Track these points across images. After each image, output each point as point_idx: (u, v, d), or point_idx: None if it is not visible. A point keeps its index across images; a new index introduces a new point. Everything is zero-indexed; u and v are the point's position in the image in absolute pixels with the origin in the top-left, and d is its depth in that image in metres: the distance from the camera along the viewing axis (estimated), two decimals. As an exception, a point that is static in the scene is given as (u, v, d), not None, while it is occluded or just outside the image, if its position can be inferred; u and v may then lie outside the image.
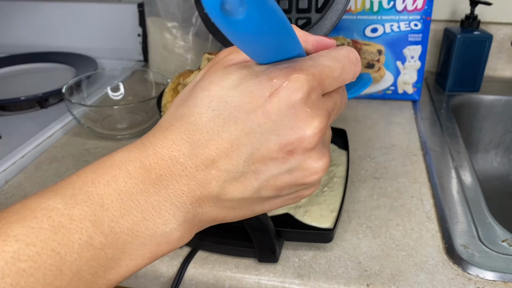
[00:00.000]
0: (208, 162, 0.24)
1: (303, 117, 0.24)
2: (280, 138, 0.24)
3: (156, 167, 0.24)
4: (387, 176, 0.59)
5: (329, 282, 0.43)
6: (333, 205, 0.50)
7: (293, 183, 0.26)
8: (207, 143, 0.24)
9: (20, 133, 0.71)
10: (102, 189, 0.23)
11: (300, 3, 0.63)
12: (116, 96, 0.80)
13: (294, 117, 0.24)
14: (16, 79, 0.93)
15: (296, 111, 0.24)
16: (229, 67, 0.26)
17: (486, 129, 0.84)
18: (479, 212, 0.52)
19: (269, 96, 0.24)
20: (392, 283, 0.43)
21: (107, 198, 0.23)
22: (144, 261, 0.25)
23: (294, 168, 0.25)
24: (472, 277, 0.43)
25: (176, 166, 0.24)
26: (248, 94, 0.24)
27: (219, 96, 0.24)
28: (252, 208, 0.27)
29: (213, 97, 0.25)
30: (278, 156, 0.24)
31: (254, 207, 0.27)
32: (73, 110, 0.68)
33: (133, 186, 0.24)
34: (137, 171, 0.24)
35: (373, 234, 0.49)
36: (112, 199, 0.23)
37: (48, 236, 0.22)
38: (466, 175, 0.59)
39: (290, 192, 0.27)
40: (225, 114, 0.24)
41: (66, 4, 1.02)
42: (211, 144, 0.24)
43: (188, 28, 0.84)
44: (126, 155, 0.25)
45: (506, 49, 0.90)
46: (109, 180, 0.24)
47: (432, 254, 0.46)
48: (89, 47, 1.02)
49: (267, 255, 0.45)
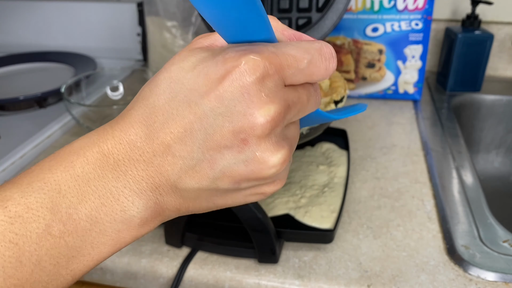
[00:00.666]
0: (164, 147, 0.23)
1: (256, 103, 0.22)
2: (233, 124, 0.23)
3: (114, 152, 0.24)
4: (387, 176, 0.59)
5: (329, 283, 0.43)
6: (334, 205, 0.50)
7: (251, 177, 0.24)
8: (161, 127, 0.23)
9: (19, 133, 0.71)
10: (59, 175, 0.23)
11: (300, 2, 0.63)
12: (115, 95, 0.79)
13: (247, 102, 0.22)
14: (15, 78, 0.93)
15: (250, 97, 0.22)
16: (193, 49, 0.25)
17: (487, 129, 0.83)
18: (480, 212, 0.51)
19: (222, 78, 0.22)
20: (393, 284, 0.42)
21: (64, 184, 0.23)
22: (107, 249, 0.24)
23: (249, 159, 0.24)
24: (473, 278, 0.43)
25: (134, 150, 0.24)
26: (203, 76, 0.23)
27: (177, 78, 0.24)
28: (213, 201, 0.26)
29: (172, 78, 0.24)
30: (233, 144, 0.23)
31: (214, 199, 0.26)
32: (72, 110, 0.68)
33: (91, 172, 0.23)
34: (94, 156, 0.24)
35: (374, 234, 0.49)
36: (69, 185, 0.23)
37: (5, 228, 0.21)
38: (467, 175, 0.58)
39: (249, 186, 0.26)
40: (180, 97, 0.23)
41: (65, 4, 1.01)
42: (166, 128, 0.23)
43: (188, 28, 0.84)
44: (85, 141, 0.24)
45: (507, 49, 0.89)
46: (67, 166, 0.23)
47: (433, 255, 0.46)
48: (88, 46, 1.02)
49: (267, 255, 0.45)
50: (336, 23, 0.61)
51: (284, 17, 0.64)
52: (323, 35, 0.62)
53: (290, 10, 0.63)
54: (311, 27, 0.63)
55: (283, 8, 0.63)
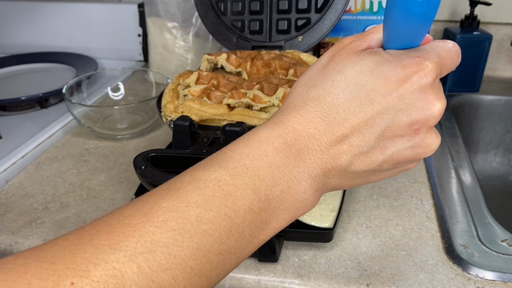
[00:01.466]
0: (342, 138, 0.28)
1: (431, 99, 0.28)
2: (410, 118, 0.28)
3: (295, 143, 0.28)
4: (387, 176, 0.59)
5: (329, 282, 0.43)
6: (333, 204, 0.50)
7: (411, 158, 0.29)
8: (343, 121, 0.28)
9: (20, 133, 0.71)
10: (257, 163, 0.27)
11: (299, 3, 0.63)
12: (116, 96, 0.80)
13: (423, 99, 0.28)
14: (16, 79, 0.93)
15: (426, 95, 0.28)
16: (360, 52, 0.29)
17: (485, 129, 0.84)
18: (479, 212, 0.52)
19: (403, 81, 0.27)
20: (392, 283, 0.43)
21: (262, 170, 0.27)
22: (284, 223, 0.29)
23: (416, 145, 0.29)
24: (471, 277, 0.43)
25: (312, 142, 0.28)
26: (383, 79, 0.27)
27: (355, 80, 0.28)
28: (368, 179, 0.31)
29: (350, 81, 0.28)
30: (405, 134, 0.28)
31: (370, 177, 0.31)
32: (73, 110, 0.68)
33: (280, 160, 0.27)
34: (281, 146, 0.28)
35: (373, 234, 0.49)
36: (266, 171, 0.27)
37: (221, 203, 0.25)
38: (466, 175, 0.59)
39: (402, 166, 0.31)
40: (361, 96, 0.28)
41: (67, 4, 1.02)
42: (347, 123, 0.28)
43: (188, 28, 0.85)
44: (270, 133, 0.28)
45: (505, 49, 0.90)
46: (261, 155, 0.27)
47: (431, 254, 0.46)
48: (89, 47, 1.02)
49: (267, 254, 0.45)
50: (335, 23, 0.62)
51: (283, 18, 0.64)
52: (322, 36, 0.63)
53: (290, 11, 0.64)
54: (310, 27, 0.63)
55: (282, 9, 0.64)
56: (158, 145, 0.69)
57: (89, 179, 0.61)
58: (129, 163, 0.64)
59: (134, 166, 0.42)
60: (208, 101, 0.51)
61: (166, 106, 0.53)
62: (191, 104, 0.50)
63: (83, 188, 0.59)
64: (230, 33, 0.66)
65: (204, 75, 0.56)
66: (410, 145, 0.29)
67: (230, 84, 0.55)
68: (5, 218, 0.53)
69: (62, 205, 0.56)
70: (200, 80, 0.56)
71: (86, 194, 0.58)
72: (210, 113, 0.50)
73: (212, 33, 0.68)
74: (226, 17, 0.66)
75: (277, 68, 0.57)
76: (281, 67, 0.57)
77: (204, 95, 0.52)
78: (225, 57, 0.58)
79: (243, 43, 0.66)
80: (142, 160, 0.42)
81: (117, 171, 0.62)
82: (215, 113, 0.50)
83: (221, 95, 0.52)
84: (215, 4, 0.67)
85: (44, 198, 0.57)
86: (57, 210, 0.55)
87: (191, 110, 0.50)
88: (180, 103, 0.52)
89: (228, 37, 0.67)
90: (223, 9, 0.67)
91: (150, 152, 0.44)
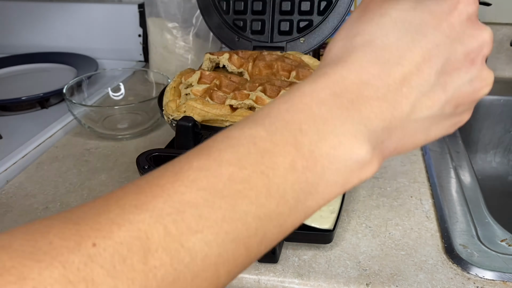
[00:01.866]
0: (400, 80, 0.25)
1: (479, 26, 0.27)
2: (464, 46, 0.27)
3: (346, 93, 0.25)
4: (386, 175, 0.60)
5: (328, 282, 0.43)
6: (333, 205, 0.50)
7: (470, 97, 0.28)
8: (398, 60, 0.25)
9: (21, 133, 0.71)
10: (298, 116, 0.24)
11: (302, 5, 0.63)
12: (117, 96, 0.80)
13: (473, 27, 0.27)
14: (17, 79, 0.93)
15: (473, 22, 0.27)
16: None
17: (485, 129, 0.84)
18: (478, 211, 0.52)
19: (449, 11, 0.27)
20: (391, 283, 0.43)
21: (304, 124, 0.24)
22: (337, 189, 0.25)
23: (474, 78, 0.27)
24: (471, 277, 0.44)
25: (367, 88, 0.25)
26: (429, 12, 0.27)
27: (401, 18, 0.27)
28: (429, 132, 0.28)
29: (396, 20, 0.27)
30: (462, 66, 0.27)
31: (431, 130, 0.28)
32: (74, 110, 0.68)
33: (327, 112, 0.24)
34: (328, 98, 0.25)
35: (373, 233, 0.49)
36: (309, 125, 0.24)
37: (257, 160, 0.23)
38: (465, 175, 0.59)
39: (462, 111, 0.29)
40: (412, 31, 0.26)
41: (67, 5, 1.02)
42: (403, 60, 0.25)
43: (189, 29, 0.85)
44: (313, 86, 0.25)
45: (505, 50, 0.90)
46: (303, 108, 0.24)
47: (431, 254, 0.46)
48: (89, 47, 1.02)
49: (267, 254, 0.45)
50: (338, 26, 0.62)
51: (286, 19, 0.64)
52: (323, 38, 0.63)
53: (292, 12, 0.64)
54: (312, 29, 0.63)
55: (284, 10, 0.64)
56: (158, 145, 0.69)
57: (89, 179, 0.61)
58: (129, 163, 0.64)
59: (137, 166, 0.42)
60: (211, 101, 0.51)
61: (167, 104, 0.53)
62: (193, 104, 0.50)
63: (83, 188, 0.59)
64: (231, 32, 0.66)
65: (206, 74, 0.56)
66: (468, 79, 0.27)
67: (232, 85, 0.55)
68: (6, 218, 0.54)
69: (62, 205, 0.56)
70: (203, 80, 0.56)
71: (86, 194, 0.58)
72: (212, 114, 0.50)
73: (213, 31, 0.68)
74: (228, 16, 0.66)
75: (280, 70, 0.57)
76: (284, 69, 0.57)
77: (207, 95, 0.52)
78: (227, 57, 0.58)
79: (244, 42, 0.66)
80: (145, 160, 0.42)
81: (117, 171, 0.62)
82: (217, 113, 0.50)
83: (223, 96, 0.52)
84: (217, 2, 0.67)
85: (45, 198, 0.57)
86: (58, 210, 0.55)
87: (193, 110, 0.50)
88: (182, 102, 0.52)
89: (229, 36, 0.67)
90: (225, 8, 0.67)
91: (153, 151, 0.44)
